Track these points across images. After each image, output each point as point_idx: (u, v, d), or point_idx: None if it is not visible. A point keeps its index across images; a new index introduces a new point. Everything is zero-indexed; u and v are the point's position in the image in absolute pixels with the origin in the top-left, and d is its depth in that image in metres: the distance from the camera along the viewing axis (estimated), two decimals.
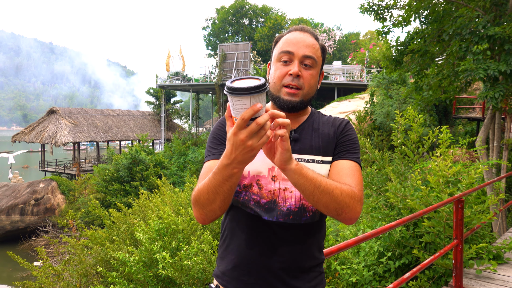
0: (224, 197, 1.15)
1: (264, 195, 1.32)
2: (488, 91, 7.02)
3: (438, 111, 16.27)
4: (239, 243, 1.37)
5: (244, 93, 0.92)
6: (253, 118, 0.96)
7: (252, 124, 0.96)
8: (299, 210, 1.33)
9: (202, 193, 1.17)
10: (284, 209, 1.32)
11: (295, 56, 1.36)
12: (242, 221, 1.37)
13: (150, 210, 8.92)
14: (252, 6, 40.23)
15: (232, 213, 1.41)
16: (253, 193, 1.33)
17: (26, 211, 20.21)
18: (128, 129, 30.44)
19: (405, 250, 3.95)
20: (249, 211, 1.34)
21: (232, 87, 0.94)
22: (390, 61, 9.59)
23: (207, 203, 1.18)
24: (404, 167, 4.87)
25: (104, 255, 7.51)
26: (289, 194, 1.32)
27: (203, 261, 5.60)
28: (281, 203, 1.32)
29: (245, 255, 1.35)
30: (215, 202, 1.16)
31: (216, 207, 1.18)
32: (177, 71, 32.02)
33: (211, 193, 1.14)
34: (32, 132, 26.32)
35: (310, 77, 1.38)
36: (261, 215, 1.32)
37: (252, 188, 1.33)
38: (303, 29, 1.43)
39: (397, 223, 2.37)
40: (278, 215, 1.32)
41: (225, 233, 1.44)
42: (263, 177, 1.33)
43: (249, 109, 0.94)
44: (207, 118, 58.53)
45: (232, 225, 1.41)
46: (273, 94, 1.40)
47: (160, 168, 20.15)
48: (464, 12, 7.69)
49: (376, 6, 9.23)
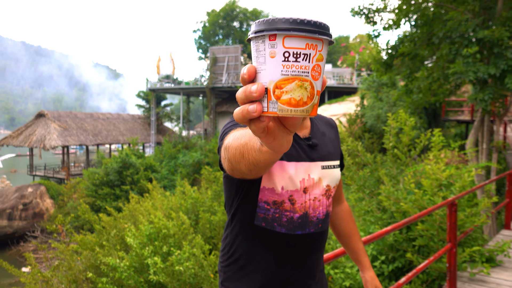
0: (249, 165, 0.85)
1: (297, 209, 1.28)
2: (478, 93, 7.08)
3: (428, 113, 16.39)
4: (265, 263, 1.30)
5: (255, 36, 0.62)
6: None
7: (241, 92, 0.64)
8: (326, 217, 1.35)
9: (233, 143, 0.90)
10: (315, 219, 1.31)
11: None
12: (267, 241, 1.29)
13: (140, 214, 8.84)
14: (243, 10, 40.29)
15: (250, 233, 1.31)
16: (285, 210, 1.27)
17: (14, 216, 19.91)
18: (118, 132, 30.22)
19: (398, 254, 3.94)
20: (278, 230, 1.28)
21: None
22: (380, 64, 9.65)
23: (233, 158, 0.91)
24: (396, 170, 4.87)
25: (94, 261, 7.40)
26: (317, 203, 1.31)
27: (194, 265, 5.54)
28: (312, 214, 1.30)
29: (275, 273, 1.30)
30: (241, 164, 0.88)
31: (243, 168, 0.89)
32: (168, 74, 31.92)
33: (238, 150, 0.87)
34: (20, 136, 25.98)
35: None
36: (294, 231, 1.29)
37: (284, 205, 1.27)
38: None
39: (393, 227, 2.35)
40: (310, 227, 1.30)
41: (239, 253, 1.34)
42: (295, 191, 1.27)
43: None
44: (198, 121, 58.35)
45: (252, 245, 1.32)
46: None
47: (150, 172, 20.02)
48: (453, 16, 7.76)
49: (366, 10, 9.28)
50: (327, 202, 1.33)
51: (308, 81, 0.60)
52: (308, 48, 0.59)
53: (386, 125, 5.22)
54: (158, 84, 31.84)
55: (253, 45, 0.63)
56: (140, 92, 34.04)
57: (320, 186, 1.31)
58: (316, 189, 1.30)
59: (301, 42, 0.59)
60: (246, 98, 0.60)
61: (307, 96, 0.60)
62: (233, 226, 1.36)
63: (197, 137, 31.40)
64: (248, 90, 0.60)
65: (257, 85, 0.59)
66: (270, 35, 0.59)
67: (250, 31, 0.63)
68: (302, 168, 1.28)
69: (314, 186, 1.30)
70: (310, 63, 0.59)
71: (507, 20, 7.45)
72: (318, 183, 1.31)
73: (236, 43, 38.52)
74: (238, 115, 0.61)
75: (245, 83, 0.62)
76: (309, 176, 1.29)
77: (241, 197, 1.31)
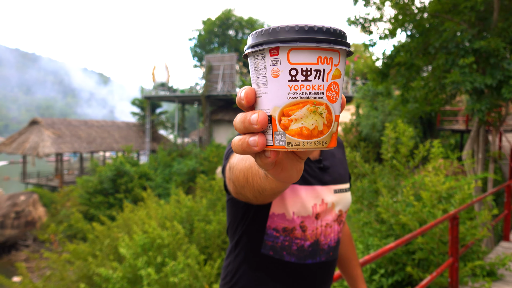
0: (254, 191, 0.82)
1: (308, 236, 1.20)
2: (475, 104, 7.07)
3: (423, 123, 16.44)
4: None
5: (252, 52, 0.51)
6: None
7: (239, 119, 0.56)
8: (337, 244, 1.27)
9: (237, 165, 0.86)
10: (326, 247, 1.23)
11: None
12: (274, 271, 1.21)
13: (134, 223, 8.74)
14: (238, 18, 40.45)
15: (255, 262, 1.22)
16: (295, 237, 1.19)
17: (6, 224, 19.64)
18: (112, 140, 30.04)
19: (398, 267, 3.87)
20: (287, 259, 1.19)
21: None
22: (376, 73, 9.65)
23: (236, 182, 0.89)
24: (394, 180, 4.82)
25: (87, 271, 7.29)
26: (329, 230, 1.23)
27: (189, 277, 5.45)
28: (323, 241, 1.22)
29: None
30: (245, 189, 0.85)
31: (248, 194, 0.87)
32: (163, 82, 31.86)
33: (242, 174, 0.84)
34: (13, 143, 25.75)
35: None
36: (304, 260, 1.20)
37: (295, 232, 1.19)
38: None
39: (396, 244, 2.29)
40: (321, 255, 1.23)
41: (242, 283, 1.24)
42: (307, 217, 1.19)
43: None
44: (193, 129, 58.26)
45: (258, 275, 1.22)
46: None
47: (145, 180, 19.88)
48: (449, 26, 7.78)
49: (362, 19, 9.30)
50: (338, 228, 1.25)
51: (324, 104, 0.47)
52: (321, 63, 0.47)
53: (383, 135, 5.18)
54: (153, 92, 31.77)
55: (251, 63, 0.50)
56: (135, 100, 33.96)
57: (333, 211, 1.23)
58: (329, 215, 1.22)
59: (311, 55, 0.46)
60: (245, 129, 0.49)
61: (323, 124, 0.47)
62: (236, 254, 1.26)
63: (192, 145, 31.29)
64: (248, 120, 0.48)
65: (258, 114, 0.47)
66: (271, 48, 0.47)
67: (247, 45, 0.51)
68: (315, 193, 1.20)
69: (326, 212, 1.21)
70: (325, 82, 0.47)
71: (503, 30, 7.48)
72: (331, 208, 1.23)
73: (232, 51, 38.59)
74: (237, 148, 0.50)
75: (244, 109, 0.50)
76: (323, 201, 1.21)
77: (248, 223, 1.22)
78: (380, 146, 14.22)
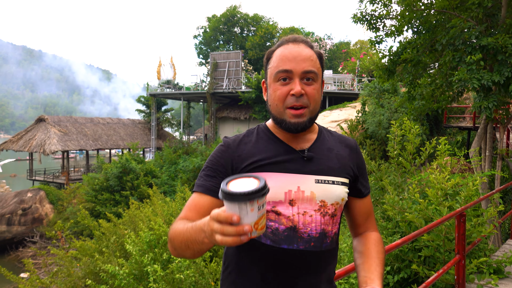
0: (194, 254, 1.11)
1: (283, 221, 1.20)
2: (482, 101, 7.03)
3: (429, 120, 16.37)
4: (251, 278, 1.23)
5: (231, 199, 0.89)
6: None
7: (227, 227, 0.90)
8: (320, 235, 1.22)
9: (177, 238, 1.12)
10: (305, 236, 1.21)
11: (295, 74, 1.23)
12: (254, 252, 1.23)
13: (140, 220, 8.76)
14: (244, 15, 40.37)
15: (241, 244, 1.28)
16: (270, 220, 1.21)
17: (13, 221, 19.82)
18: (118, 137, 30.18)
19: (404, 264, 3.86)
20: (263, 241, 1.22)
21: (224, 190, 0.91)
22: (382, 70, 9.61)
23: (179, 248, 1.13)
24: (400, 178, 4.81)
25: (93, 267, 7.33)
26: (309, 219, 1.21)
27: (195, 273, 5.47)
28: (302, 229, 1.21)
29: None
30: (185, 252, 1.12)
31: (187, 255, 1.14)
32: (168, 79, 31.92)
33: (184, 244, 1.10)
34: (20, 141, 25.94)
35: (314, 92, 1.25)
36: (280, 244, 1.20)
37: (269, 214, 1.21)
38: (297, 39, 1.29)
39: (402, 241, 2.28)
40: (299, 243, 1.20)
41: (230, 267, 1.29)
42: (279, 202, 1.20)
43: (225, 216, 0.90)
44: (198, 126, 58.33)
45: (240, 257, 1.27)
46: (277, 118, 1.27)
47: (150, 177, 19.95)
48: (456, 23, 7.72)
49: (369, 16, 9.25)
50: (322, 220, 1.22)
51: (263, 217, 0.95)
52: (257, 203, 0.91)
53: (390, 133, 5.16)
54: (159, 89, 31.84)
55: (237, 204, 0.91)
56: (141, 97, 34.07)
57: (313, 201, 1.22)
58: (307, 203, 1.21)
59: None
60: (236, 232, 0.89)
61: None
62: None
63: (198, 142, 31.35)
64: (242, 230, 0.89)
65: (247, 227, 0.90)
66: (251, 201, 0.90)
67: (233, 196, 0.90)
68: (291, 180, 1.22)
69: (304, 200, 1.21)
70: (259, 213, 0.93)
71: (511, 27, 7.42)
72: (310, 197, 1.22)
73: (237, 48, 38.54)
74: (234, 241, 0.91)
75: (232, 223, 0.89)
76: (299, 188, 1.21)
77: None
78: (386, 143, 14.18)
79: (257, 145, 1.30)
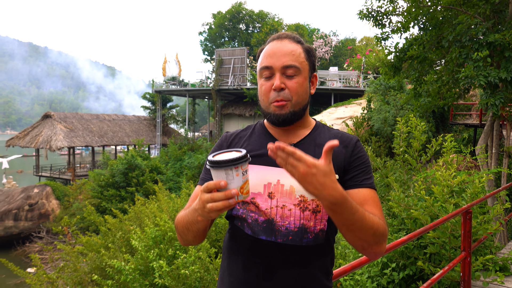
0: (194, 235, 1.22)
1: (262, 213, 1.24)
2: (489, 98, 6.98)
3: (435, 117, 16.26)
4: (236, 265, 1.29)
5: (218, 166, 1.01)
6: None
7: (216, 194, 1.01)
8: (299, 230, 1.22)
9: (180, 223, 1.24)
10: (283, 229, 1.22)
11: (275, 69, 1.28)
12: (240, 241, 1.29)
13: (146, 216, 8.80)
14: (249, 12, 40.26)
15: (232, 232, 1.33)
16: (250, 211, 1.26)
17: (20, 216, 19.97)
18: (123, 134, 30.28)
19: (409, 261, 3.86)
20: (246, 231, 1.27)
21: (210, 160, 1.03)
22: (388, 67, 9.57)
23: (182, 233, 1.25)
24: (406, 175, 4.79)
25: (99, 263, 7.38)
26: (287, 213, 1.22)
27: (200, 269, 5.49)
28: (279, 223, 1.22)
29: (242, 278, 1.26)
30: (187, 235, 1.23)
31: (189, 239, 1.25)
32: (174, 76, 31.92)
33: (184, 227, 1.21)
34: (26, 137, 26.10)
35: (296, 85, 1.28)
36: (259, 235, 1.24)
37: (250, 205, 1.26)
38: (280, 36, 1.34)
39: (408, 237, 2.29)
40: (277, 235, 1.22)
41: (225, 252, 1.36)
42: (258, 194, 1.24)
43: (214, 183, 1.01)
44: (203, 123, 58.39)
45: (230, 245, 1.34)
46: (265, 112, 1.34)
47: (156, 174, 20.01)
48: (463, 19, 7.66)
49: (375, 13, 9.21)
50: (302, 215, 1.22)
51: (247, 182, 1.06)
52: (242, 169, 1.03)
53: (395, 130, 5.14)
54: (164, 86, 31.87)
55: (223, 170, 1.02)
56: (146, 94, 34.13)
57: (292, 195, 1.23)
58: (286, 197, 1.23)
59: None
60: (225, 196, 1.00)
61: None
62: (228, 224, 1.39)
63: (203, 139, 31.39)
64: (230, 194, 1.00)
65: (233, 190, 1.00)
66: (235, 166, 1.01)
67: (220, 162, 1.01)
68: (271, 173, 1.25)
69: (283, 193, 1.23)
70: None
71: None
72: (289, 191, 1.23)
73: (242, 45, 38.49)
74: (224, 205, 1.01)
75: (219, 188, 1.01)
76: (278, 182, 1.24)
77: None
78: (391, 140, 14.13)
79: (249, 139, 1.38)
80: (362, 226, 1.10)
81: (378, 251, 1.19)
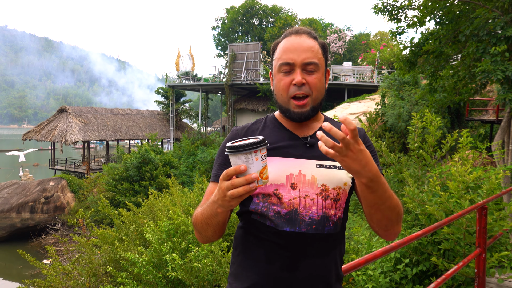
0: (214, 229, 1.23)
1: (284, 204, 1.26)
2: (507, 93, 6.87)
3: (451, 113, 16.04)
4: (257, 258, 1.29)
5: (238, 150, 1.02)
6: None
7: (236, 179, 1.02)
8: (322, 219, 1.27)
9: (198, 220, 1.25)
10: (306, 219, 1.25)
11: (296, 65, 1.31)
12: (259, 234, 1.30)
13: (159, 210, 8.88)
14: (262, 6, 40.12)
15: (247, 226, 1.34)
16: (272, 203, 1.27)
17: (36, 209, 20.32)
18: (137, 128, 30.52)
19: (423, 257, 3.84)
20: (268, 224, 1.27)
21: (230, 146, 1.04)
22: (403, 62, 9.46)
23: (201, 230, 1.25)
24: (420, 171, 4.75)
25: (114, 255, 7.47)
26: (310, 202, 1.26)
27: (212, 263, 5.53)
28: (303, 212, 1.25)
29: (265, 271, 1.27)
30: (207, 231, 1.24)
31: (209, 234, 1.26)
32: (187, 71, 32.02)
33: (204, 223, 1.22)
34: (42, 131, 26.48)
35: (316, 81, 1.32)
36: (282, 227, 1.26)
37: (271, 198, 1.27)
38: (299, 31, 1.36)
39: (423, 232, 2.27)
40: (300, 225, 1.25)
41: (239, 248, 1.36)
42: (281, 185, 1.26)
43: (233, 168, 1.02)
44: (216, 118, 58.56)
45: (247, 239, 1.33)
46: (282, 107, 1.36)
47: (169, 168, 20.14)
48: (481, 13, 7.53)
49: (390, 7, 9.10)
50: (324, 203, 1.26)
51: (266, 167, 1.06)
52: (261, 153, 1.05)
53: (410, 125, 5.09)
54: (177, 81, 32.00)
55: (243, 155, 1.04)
56: (160, 88, 34.33)
57: (314, 184, 1.26)
58: (308, 187, 1.26)
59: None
60: (245, 181, 1.01)
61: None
62: (240, 220, 1.39)
63: (215, 133, 31.50)
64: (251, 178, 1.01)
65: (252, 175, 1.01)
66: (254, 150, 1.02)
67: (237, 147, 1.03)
68: (292, 164, 1.28)
69: (305, 183, 1.26)
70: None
71: None
72: (311, 180, 1.27)
73: (256, 40, 38.39)
74: (245, 190, 1.02)
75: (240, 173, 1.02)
76: (300, 172, 1.27)
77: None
78: (405, 136, 13.99)
79: (263, 132, 1.40)
80: (391, 204, 1.17)
81: (398, 230, 1.27)
